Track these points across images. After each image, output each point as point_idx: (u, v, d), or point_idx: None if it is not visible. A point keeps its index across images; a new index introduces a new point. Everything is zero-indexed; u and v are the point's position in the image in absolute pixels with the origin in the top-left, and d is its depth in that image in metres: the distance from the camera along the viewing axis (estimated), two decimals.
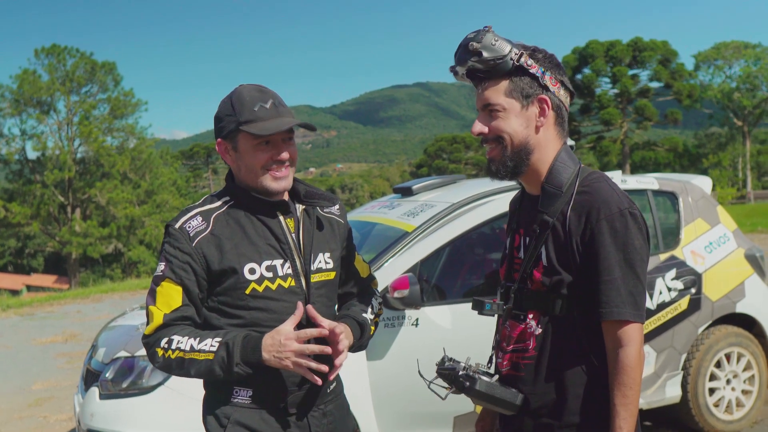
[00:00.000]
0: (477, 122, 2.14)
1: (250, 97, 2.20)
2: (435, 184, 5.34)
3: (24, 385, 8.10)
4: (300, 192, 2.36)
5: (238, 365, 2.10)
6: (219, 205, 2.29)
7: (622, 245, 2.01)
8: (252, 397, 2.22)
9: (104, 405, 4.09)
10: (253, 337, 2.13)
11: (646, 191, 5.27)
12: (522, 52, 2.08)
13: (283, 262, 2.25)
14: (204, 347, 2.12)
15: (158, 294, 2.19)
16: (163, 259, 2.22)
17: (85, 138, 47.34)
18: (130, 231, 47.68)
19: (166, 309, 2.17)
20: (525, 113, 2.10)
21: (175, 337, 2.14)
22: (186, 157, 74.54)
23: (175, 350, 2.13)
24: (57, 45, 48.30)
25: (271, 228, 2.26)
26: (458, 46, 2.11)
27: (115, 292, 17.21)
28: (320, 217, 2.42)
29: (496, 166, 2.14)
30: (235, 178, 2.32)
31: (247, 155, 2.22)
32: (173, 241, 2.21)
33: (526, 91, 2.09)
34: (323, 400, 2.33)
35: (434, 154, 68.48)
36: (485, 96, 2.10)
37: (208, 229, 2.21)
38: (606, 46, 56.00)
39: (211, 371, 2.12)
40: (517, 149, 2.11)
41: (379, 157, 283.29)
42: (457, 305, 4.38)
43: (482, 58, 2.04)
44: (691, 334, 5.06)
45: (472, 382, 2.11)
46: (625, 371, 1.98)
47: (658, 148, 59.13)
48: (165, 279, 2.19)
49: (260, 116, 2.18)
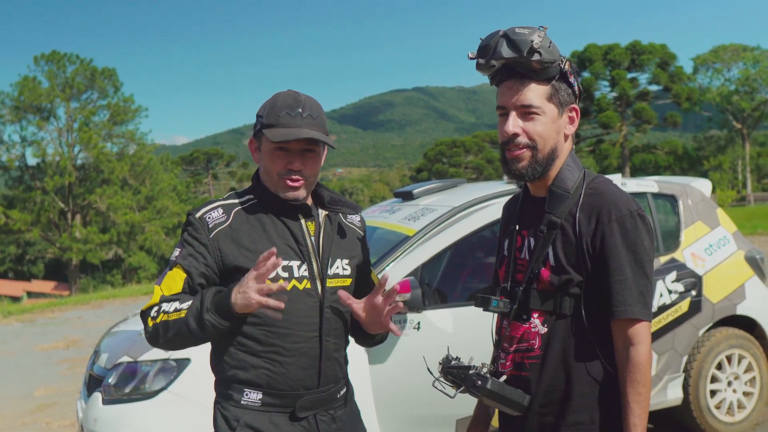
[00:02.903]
0: (510, 122, 2.10)
1: (283, 103, 2.23)
2: (435, 188, 5.34)
3: (27, 392, 8.10)
4: (324, 198, 2.39)
5: (208, 312, 2.08)
6: (242, 201, 2.32)
7: (632, 246, 2.05)
8: (262, 400, 2.23)
9: (107, 410, 4.09)
10: (226, 289, 2.13)
11: (646, 194, 5.28)
12: (566, 59, 2.09)
13: (300, 263, 2.26)
14: (184, 306, 2.13)
15: (167, 277, 2.22)
16: (180, 246, 2.25)
17: (85, 144, 47.43)
18: (130, 237, 47.75)
19: (167, 291, 2.20)
20: (559, 120, 2.13)
21: (164, 305, 2.17)
22: (186, 163, 74.46)
23: (161, 314, 2.15)
24: (57, 52, 48.43)
25: (291, 229, 2.28)
26: (496, 36, 2.06)
27: (116, 298, 17.24)
28: (342, 224, 2.45)
29: (524, 169, 2.13)
30: (260, 178, 2.35)
31: (266, 157, 2.27)
32: (191, 230, 2.24)
33: (564, 98, 2.12)
34: (333, 404, 2.33)
35: (434, 158, 68.43)
36: (527, 97, 2.08)
37: (227, 222, 2.24)
38: (604, 49, 56.16)
39: (186, 324, 2.11)
40: (547, 155, 2.13)
41: (379, 161, 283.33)
42: (458, 308, 4.39)
43: (542, 58, 2.02)
44: (692, 336, 5.07)
45: (484, 381, 2.12)
46: (638, 369, 2.01)
47: (657, 151, 59.21)
48: (177, 265, 2.21)
49: (282, 122, 2.20)
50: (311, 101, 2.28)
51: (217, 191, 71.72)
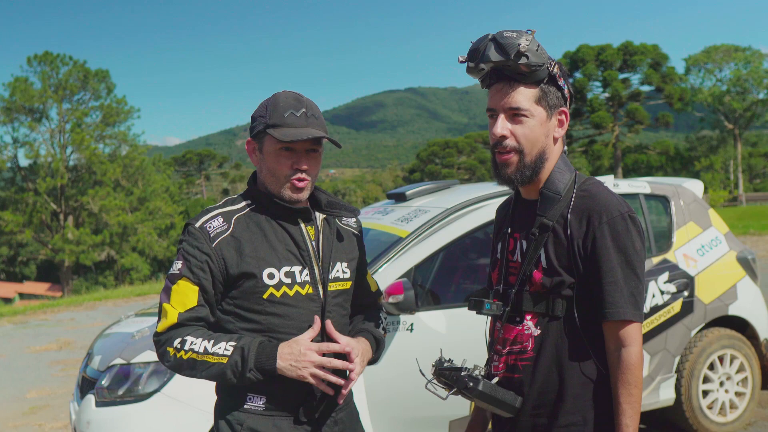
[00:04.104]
0: (499, 124, 2.12)
1: (285, 103, 2.22)
2: (428, 190, 5.34)
3: (19, 394, 8.07)
4: (321, 201, 2.37)
5: (251, 371, 2.10)
6: (240, 208, 2.29)
7: (623, 248, 2.06)
8: (266, 405, 2.22)
9: (100, 412, 4.08)
10: (268, 345, 2.14)
11: (638, 195, 5.29)
12: (556, 62, 2.10)
13: (302, 268, 2.26)
14: (218, 350, 2.11)
15: (174, 292, 2.18)
16: (180, 258, 2.20)
17: (78, 145, 47.27)
18: (123, 238, 47.57)
19: (181, 308, 2.16)
20: (548, 123, 2.14)
21: (189, 338, 2.13)
22: (178, 164, 74.38)
23: (189, 351, 2.12)
24: (50, 53, 48.26)
25: (291, 234, 2.27)
26: (485, 40, 2.07)
27: (108, 299, 17.16)
28: (339, 227, 2.44)
29: (512, 173, 2.14)
30: (258, 181, 2.34)
31: (269, 159, 2.24)
32: (192, 240, 2.21)
33: (553, 101, 2.13)
34: (335, 408, 2.33)
35: (427, 159, 68.49)
36: (516, 99, 2.09)
37: (228, 231, 2.22)
38: (597, 50, 56.34)
39: (223, 375, 2.12)
40: (535, 159, 2.13)
41: (371, 162, 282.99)
42: (451, 310, 4.39)
43: (529, 61, 2.03)
44: (684, 336, 5.08)
45: (476, 382, 2.13)
46: (629, 370, 2.02)
47: (649, 151, 59.39)
48: (182, 278, 2.17)
49: (288, 122, 2.19)
50: (311, 102, 2.28)
51: (209, 192, 71.69)
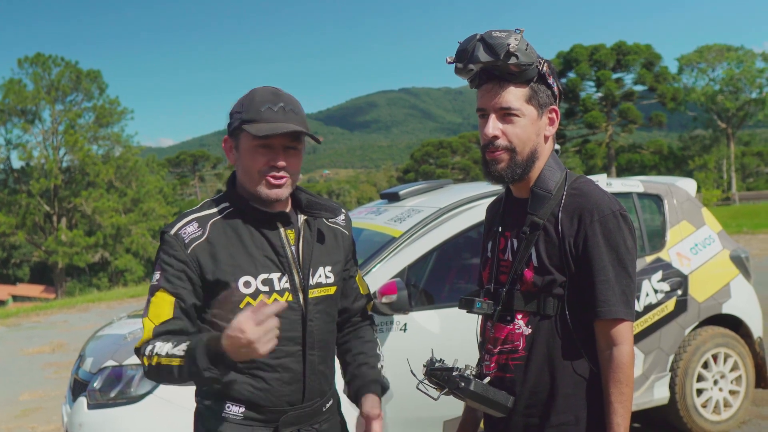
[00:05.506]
0: (490, 124, 2.11)
1: (261, 98, 2.12)
2: (422, 189, 5.33)
3: (11, 396, 8.04)
4: (302, 201, 2.27)
5: (208, 370, 1.90)
6: (217, 212, 2.19)
7: (615, 246, 2.06)
8: (244, 413, 2.14)
9: (92, 415, 4.06)
10: (213, 339, 1.89)
11: (632, 194, 5.30)
12: (545, 61, 2.09)
13: (280, 275, 2.15)
14: (177, 352, 1.96)
15: (151, 305, 2.09)
16: (158, 268, 2.11)
17: (71, 147, 47.18)
18: (117, 239, 47.49)
19: (155, 321, 2.07)
20: (538, 122, 2.13)
21: (158, 343, 2.02)
22: (172, 165, 74.19)
23: (154, 356, 2.00)
24: (42, 54, 48.12)
25: (270, 240, 2.16)
26: (473, 41, 2.05)
27: (101, 301, 17.11)
28: (323, 228, 2.32)
29: (503, 171, 2.13)
30: (236, 183, 2.24)
31: (245, 155, 2.14)
32: (168, 248, 2.11)
33: (543, 100, 2.12)
34: (318, 419, 2.25)
35: (421, 159, 68.48)
36: (506, 99, 2.08)
37: (203, 236, 2.12)
38: (590, 50, 56.39)
39: (191, 376, 1.96)
40: (527, 157, 2.13)
41: (366, 162, 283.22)
42: (445, 310, 4.39)
43: (519, 61, 2.01)
44: (678, 335, 5.09)
45: (467, 382, 2.11)
46: (620, 368, 2.02)
47: (643, 150, 59.49)
48: (159, 289, 2.09)
49: (264, 117, 2.08)
50: (291, 97, 2.17)
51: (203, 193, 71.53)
